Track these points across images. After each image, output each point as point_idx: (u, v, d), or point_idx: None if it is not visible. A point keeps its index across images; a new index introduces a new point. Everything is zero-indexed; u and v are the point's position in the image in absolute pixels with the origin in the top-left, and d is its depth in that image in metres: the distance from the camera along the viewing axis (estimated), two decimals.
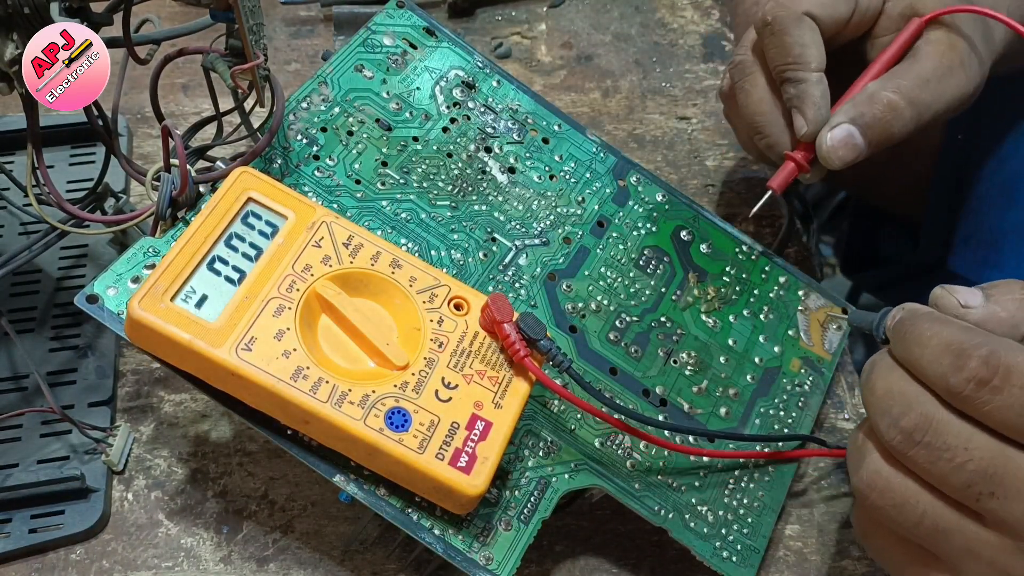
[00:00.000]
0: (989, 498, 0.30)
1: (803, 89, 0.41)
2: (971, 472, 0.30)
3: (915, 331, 0.32)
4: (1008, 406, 0.29)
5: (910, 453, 0.31)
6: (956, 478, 0.30)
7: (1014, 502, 0.29)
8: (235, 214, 0.34)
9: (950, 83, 0.41)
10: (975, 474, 0.30)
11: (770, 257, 0.45)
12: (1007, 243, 0.55)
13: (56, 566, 0.39)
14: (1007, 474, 0.29)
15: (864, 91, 0.41)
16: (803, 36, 0.41)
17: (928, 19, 0.41)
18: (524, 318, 0.34)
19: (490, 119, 0.43)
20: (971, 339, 0.30)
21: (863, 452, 0.33)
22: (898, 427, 0.31)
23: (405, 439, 0.32)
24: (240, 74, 0.35)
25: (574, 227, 0.42)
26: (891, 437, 0.31)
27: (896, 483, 0.31)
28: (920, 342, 0.31)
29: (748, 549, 0.39)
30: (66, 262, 0.46)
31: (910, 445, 0.31)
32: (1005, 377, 0.29)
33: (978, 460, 0.30)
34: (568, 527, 0.41)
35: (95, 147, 0.50)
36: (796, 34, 0.41)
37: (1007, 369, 0.29)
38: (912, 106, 0.40)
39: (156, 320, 0.31)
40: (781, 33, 0.41)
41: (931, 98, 0.41)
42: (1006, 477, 0.29)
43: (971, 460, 0.30)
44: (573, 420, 0.38)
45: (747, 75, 0.44)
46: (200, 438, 0.43)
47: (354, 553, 0.40)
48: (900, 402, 0.31)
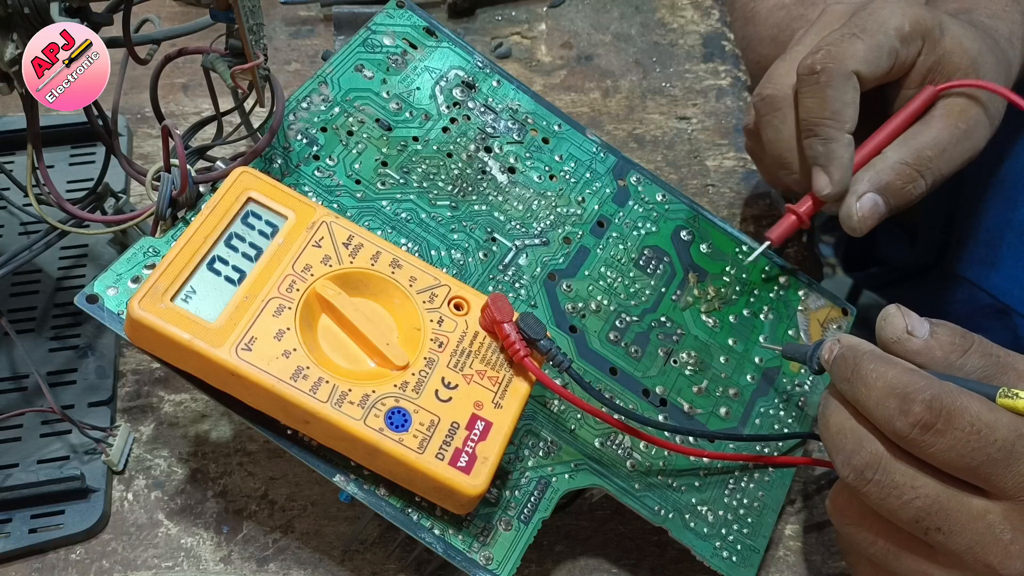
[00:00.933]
0: (936, 532, 0.32)
1: (832, 149, 0.41)
2: (918, 509, 0.32)
3: (860, 371, 0.33)
4: (950, 447, 0.31)
5: (863, 489, 0.32)
6: (905, 514, 0.32)
7: (959, 536, 0.31)
8: (235, 214, 0.34)
9: (964, 147, 0.42)
10: (922, 511, 0.32)
11: (770, 257, 0.45)
12: (1005, 242, 0.55)
13: (56, 566, 0.39)
14: (951, 510, 0.31)
15: (885, 159, 0.42)
16: (846, 94, 0.40)
17: (941, 89, 0.42)
18: (524, 318, 0.34)
19: (490, 119, 0.43)
20: (915, 383, 0.32)
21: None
22: (850, 465, 0.33)
23: (405, 439, 0.32)
24: (240, 74, 0.35)
25: (574, 227, 0.42)
26: (845, 474, 0.33)
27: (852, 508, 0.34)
28: (866, 383, 0.33)
29: (748, 549, 0.39)
30: (66, 262, 0.46)
31: (863, 482, 0.32)
32: (948, 421, 0.31)
33: (923, 498, 0.31)
34: (568, 527, 0.41)
35: (95, 147, 0.50)
36: (841, 91, 0.40)
37: (949, 413, 0.31)
38: (930, 174, 0.41)
39: (156, 320, 0.31)
40: (826, 86, 0.40)
41: (946, 164, 0.42)
42: (950, 513, 0.31)
43: (917, 498, 0.32)
44: (573, 420, 0.38)
45: (777, 111, 0.43)
46: (200, 438, 0.43)
47: (354, 553, 0.40)
48: (851, 440, 0.33)
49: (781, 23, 0.55)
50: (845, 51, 0.40)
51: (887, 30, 0.41)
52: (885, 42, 0.41)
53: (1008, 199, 0.53)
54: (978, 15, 0.46)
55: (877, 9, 0.42)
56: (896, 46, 0.41)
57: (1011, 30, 0.47)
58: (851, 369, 0.33)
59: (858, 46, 0.41)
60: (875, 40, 0.41)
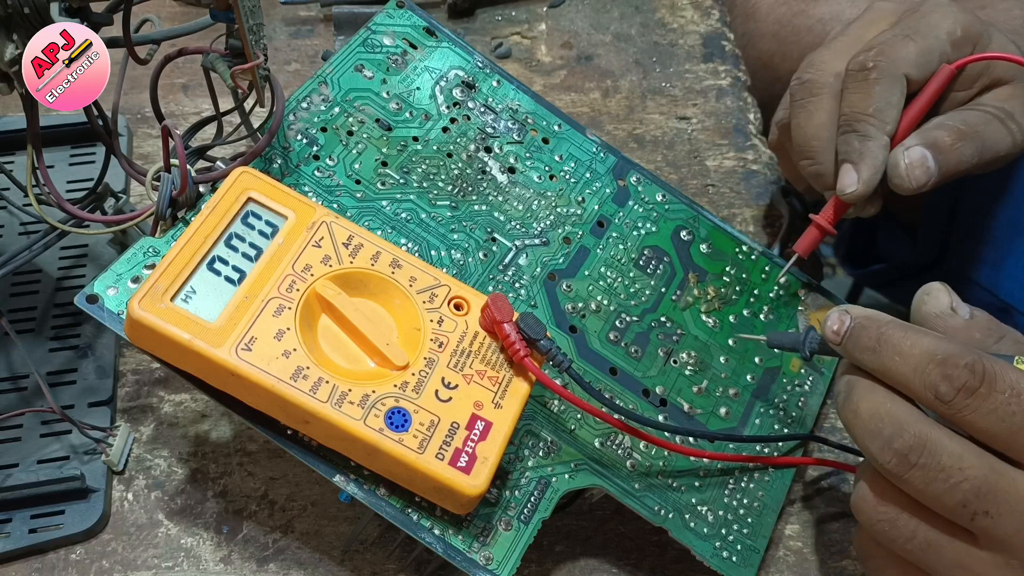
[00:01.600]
0: (984, 517, 0.30)
1: (868, 147, 0.40)
2: (965, 492, 0.30)
3: (889, 340, 0.32)
4: (992, 411, 0.30)
5: (906, 476, 0.31)
6: (951, 498, 0.30)
7: (1007, 519, 0.30)
8: (235, 214, 0.34)
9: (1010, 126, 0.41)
10: (970, 494, 0.30)
11: (770, 257, 0.45)
12: (1005, 241, 0.55)
13: (56, 566, 0.39)
14: (999, 491, 0.30)
15: (930, 123, 0.41)
16: (893, 95, 0.40)
17: (958, 66, 0.42)
18: (524, 318, 0.34)
19: (490, 119, 0.43)
20: (953, 348, 0.31)
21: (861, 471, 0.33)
22: (892, 449, 0.31)
23: (405, 439, 0.32)
24: (240, 74, 0.35)
25: (574, 227, 0.42)
26: (885, 460, 0.31)
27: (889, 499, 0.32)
28: (900, 351, 0.31)
29: (748, 549, 0.39)
30: (66, 262, 0.46)
31: (906, 467, 0.31)
32: (990, 384, 0.30)
33: (971, 480, 0.30)
34: (568, 527, 0.41)
35: (95, 147, 0.50)
36: (889, 91, 0.40)
37: (991, 376, 0.30)
38: (978, 138, 0.40)
39: (156, 320, 0.31)
40: (875, 83, 0.40)
41: (993, 137, 0.41)
42: (999, 494, 0.30)
43: (965, 480, 0.30)
44: (573, 420, 0.38)
45: (815, 96, 0.42)
46: (200, 438, 0.43)
47: (354, 553, 0.40)
48: (890, 423, 0.31)
49: (783, 19, 0.55)
50: (897, 52, 0.40)
51: (939, 34, 0.41)
52: (937, 46, 0.40)
53: (1010, 198, 0.53)
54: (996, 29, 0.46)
55: (929, 12, 0.41)
56: (947, 51, 0.41)
57: None
58: (875, 339, 0.32)
59: (910, 48, 0.40)
60: (927, 43, 0.40)
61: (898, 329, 0.32)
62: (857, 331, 0.33)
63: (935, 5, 0.42)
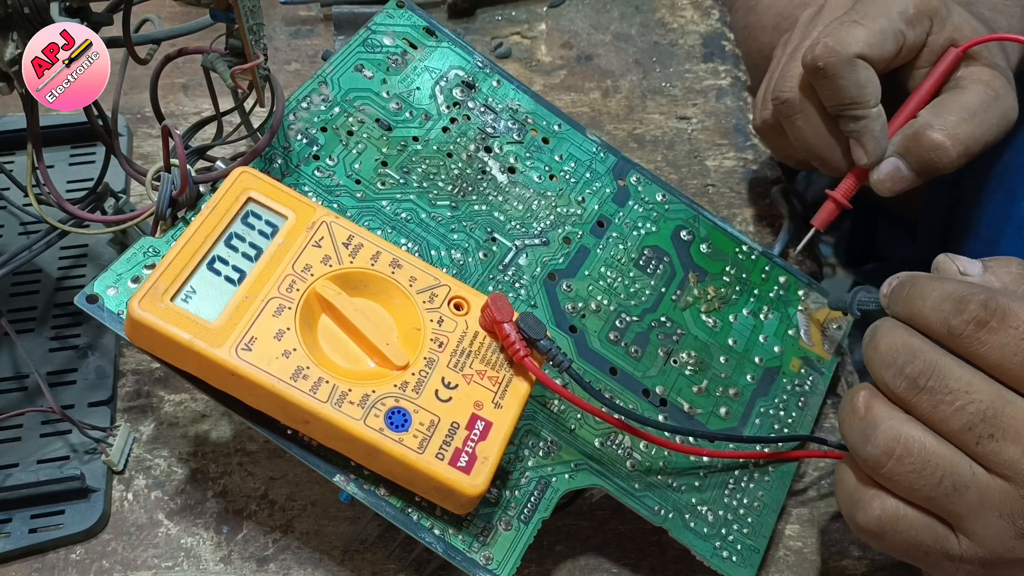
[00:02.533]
0: (988, 440, 0.31)
1: (864, 125, 0.42)
2: (971, 415, 0.31)
3: (916, 286, 0.34)
4: (1003, 345, 0.31)
5: (914, 399, 0.32)
6: (957, 420, 0.31)
7: (1012, 444, 0.31)
8: (235, 214, 0.34)
9: (995, 112, 0.42)
10: (975, 416, 0.31)
11: (770, 257, 0.45)
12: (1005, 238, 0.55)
13: (56, 566, 0.39)
14: (1005, 416, 0.31)
15: (912, 125, 0.42)
16: (858, 77, 0.41)
17: (965, 48, 0.42)
18: (524, 318, 0.34)
19: (490, 119, 0.43)
20: (969, 287, 0.32)
21: (872, 420, 0.33)
22: (903, 375, 0.32)
23: (405, 439, 0.32)
24: (240, 74, 0.35)
25: (574, 227, 0.42)
26: (896, 385, 0.32)
27: (915, 445, 0.32)
28: (922, 295, 0.33)
29: (748, 549, 0.39)
30: (66, 262, 0.46)
31: (915, 391, 0.32)
32: (1002, 319, 0.31)
33: (978, 403, 0.31)
34: (568, 527, 0.41)
35: (95, 147, 0.50)
36: (851, 77, 0.41)
37: (1004, 312, 0.31)
38: (960, 142, 0.41)
39: (156, 320, 0.31)
40: (835, 77, 0.41)
41: (979, 130, 0.42)
42: (1004, 419, 0.31)
43: (971, 402, 0.31)
44: (573, 420, 0.38)
45: (798, 112, 0.44)
46: (200, 438, 0.43)
47: (354, 553, 0.40)
48: (904, 352, 0.33)
49: (784, 11, 0.55)
50: (844, 38, 0.40)
51: (890, 13, 0.41)
52: (888, 26, 0.41)
53: (1008, 193, 0.53)
54: (978, 8, 0.46)
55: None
56: (901, 28, 0.41)
57: (1010, 24, 0.47)
58: (908, 287, 0.34)
59: (858, 32, 0.41)
60: (877, 24, 0.41)
61: (927, 278, 0.34)
62: (897, 286, 0.35)
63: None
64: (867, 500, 0.34)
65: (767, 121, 0.47)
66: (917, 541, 0.33)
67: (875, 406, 0.33)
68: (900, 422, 0.33)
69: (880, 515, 0.33)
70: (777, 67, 0.46)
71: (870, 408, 0.33)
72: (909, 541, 0.33)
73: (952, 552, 0.33)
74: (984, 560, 0.32)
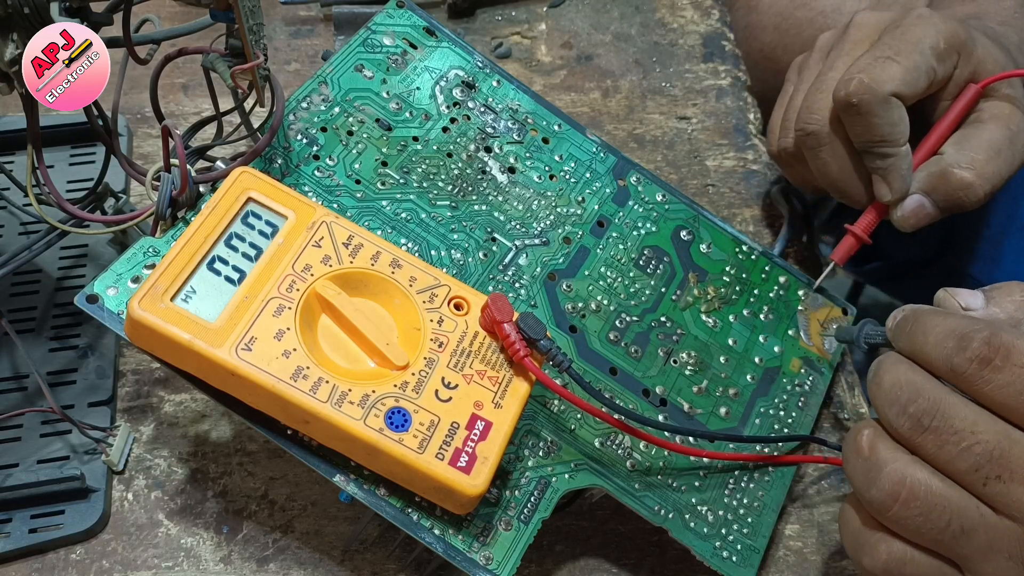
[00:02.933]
0: (996, 482, 0.30)
1: (891, 163, 0.41)
2: (977, 456, 0.30)
3: (919, 322, 0.33)
4: (1009, 384, 0.30)
5: (918, 439, 0.31)
6: (963, 462, 0.31)
7: (1020, 485, 0.30)
8: (235, 214, 0.34)
9: (1018, 147, 0.42)
10: (981, 457, 0.30)
11: (770, 257, 0.45)
12: (1007, 238, 0.55)
13: (56, 566, 0.39)
14: (1012, 457, 0.30)
15: (939, 162, 0.42)
16: (891, 116, 0.40)
17: (985, 84, 0.42)
18: (524, 318, 0.34)
19: (490, 119, 0.43)
20: (972, 323, 0.32)
21: (877, 462, 0.32)
22: (907, 414, 0.32)
23: (405, 439, 0.32)
24: (240, 74, 0.35)
25: (574, 227, 0.42)
26: (900, 424, 0.32)
27: (921, 489, 0.31)
28: (924, 331, 0.33)
29: (748, 549, 0.39)
30: (66, 262, 0.46)
31: (919, 431, 0.31)
32: (1006, 357, 0.30)
33: (984, 443, 0.30)
34: (568, 527, 0.41)
35: (95, 147, 0.50)
36: (885, 116, 0.40)
37: (1007, 349, 0.30)
38: (988, 181, 0.41)
39: (156, 320, 0.31)
40: (868, 115, 0.40)
41: (1004, 166, 0.41)
42: (1011, 460, 0.30)
43: (977, 443, 0.30)
44: (573, 420, 0.38)
45: (824, 145, 0.43)
46: (200, 438, 0.43)
47: (354, 553, 0.40)
48: (908, 390, 0.32)
49: (784, 11, 0.55)
50: (879, 76, 0.40)
51: (923, 49, 0.40)
52: (922, 62, 0.40)
53: (1010, 195, 0.53)
54: (988, 21, 0.46)
55: (910, 27, 0.41)
56: (933, 65, 0.41)
57: (1021, 37, 0.46)
58: (912, 321, 0.34)
59: (893, 70, 0.40)
60: (911, 61, 0.40)
61: (931, 313, 0.34)
62: (901, 320, 0.35)
63: (918, 17, 0.41)
64: (873, 544, 0.33)
65: (787, 150, 0.46)
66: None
67: (879, 446, 0.32)
68: (905, 464, 0.32)
69: (887, 559, 0.33)
70: (797, 94, 0.45)
71: (874, 449, 0.32)
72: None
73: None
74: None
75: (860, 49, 0.42)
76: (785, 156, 0.46)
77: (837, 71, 0.42)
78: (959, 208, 0.42)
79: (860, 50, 0.42)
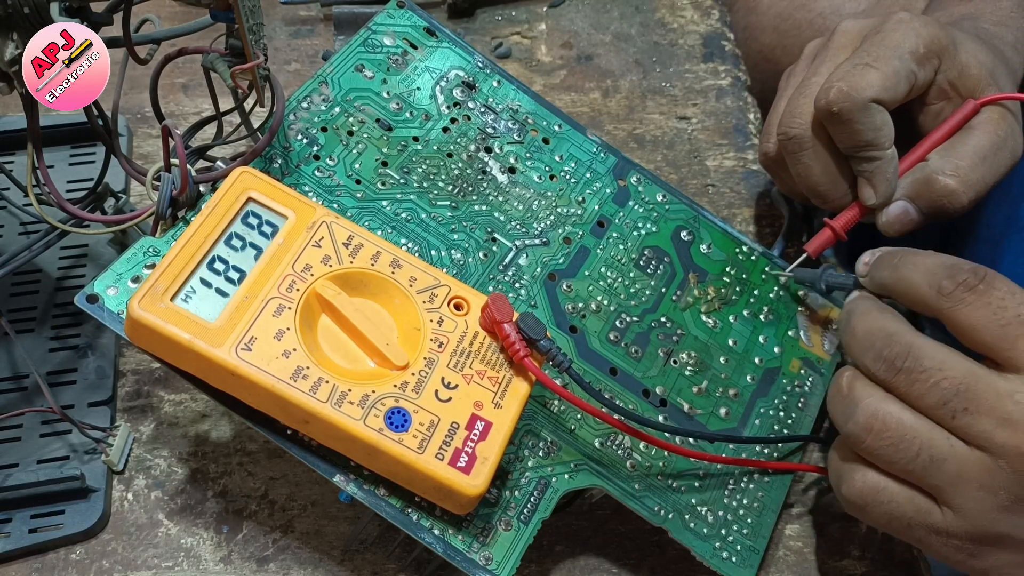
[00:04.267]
0: (963, 414, 0.33)
1: (877, 166, 0.42)
2: (944, 390, 0.33)
3: (908, 256, 0.37)
4: (985, 305, 0.33)
5: (892, 379, 0.34)
6: (932, 396, 0.33)
7: (985, 417, 0.33)
8: (235, 214, 0.34)
9: (1005, 154, 0.42)
10: (948, 391, 0.33)
11: (770, 257, 0.45)
12: (1007, 239, 0.55)
13: (56, 566, 0.39)
14: (978, 391, 0.33)
15: (923, 169, 0.42)
16: (874, 121, 0.40)
17: (984, 103, 0.42)
18: (524, 318, 0.34)
19: (490, 119, 0.43)
20: (962, 260, 0.35)
21: (853, 399, 0.35)
22: (882, 358, 0.35)
23: (405, 439, 0.32)
24: (240, 74, 0.35)
25: (574, 227, 0.42)
26: (876, 368, 0.35)
27: (892, 421, 0.34)
28: (915, 263, 0.36)
29: (748, 549, 0.39)
30: (66, 262, 0.46)
31: (892, 372, 0.34)
32: (989, 284, 0.34)
33: (951, 379, 0.33)
34: (568, 527, 0.41)
35: (95, 147, 0.50)
36: (866, 122, 0.40)
37: (991, 279, 0.34)
38: (971, 188, 0.41)
39: (156, 320, 0.31)
40: (850, 122, 0.40)
41: (989, 174, 0.42)
42: (977, 393, 0.33)
43: (945, 379, 0.33)
44: (573, 420, 0.38)
45: (805, 150, 0.43)
46: (200, 438, 0.43)
47: (354, 553, 0.40)
48: (880, 336, 0.35)
49: (783, 13, 0.55)
50: (858, 83, 0.40)
51: (902, 54, 0.40)
52: (901, 67, 0.40)
53: (1009, 196, 0.53)
54: (983, 21, 0.46)
55: (890, 32, 0.41)
56: (913, 69, 0.41)
57: (1016, 37, 0.46)
58: (899, 256, 0.37)
59: (872, 76, 0.40)
60: (891, 67, 0.40)
61: (920, 251, 0.37)
62: (884, 255, 0.38)
63: (897, 22, 0.41)
64: (850, 473, 0.36)
65: (769, 154, 0.46)
66: (899, 513, 0.35)
67: (856, 386, 0.35)
68: (879, 400, 0.34)
69: (862, 487, 0.35)
70: (781, 100, 0.45)
71: (852, 388, 0.35)
72: (891, 513, 0.35)
73: (937, 525, 0.34)
74: (969, 534, 0.34)
75: (843, 55, 0.42)
76: (768, 162, 0.47)
77: (820, 76, 0.43)
78: (943, 215, 0.42)
79: (843, 56, 0.42)
